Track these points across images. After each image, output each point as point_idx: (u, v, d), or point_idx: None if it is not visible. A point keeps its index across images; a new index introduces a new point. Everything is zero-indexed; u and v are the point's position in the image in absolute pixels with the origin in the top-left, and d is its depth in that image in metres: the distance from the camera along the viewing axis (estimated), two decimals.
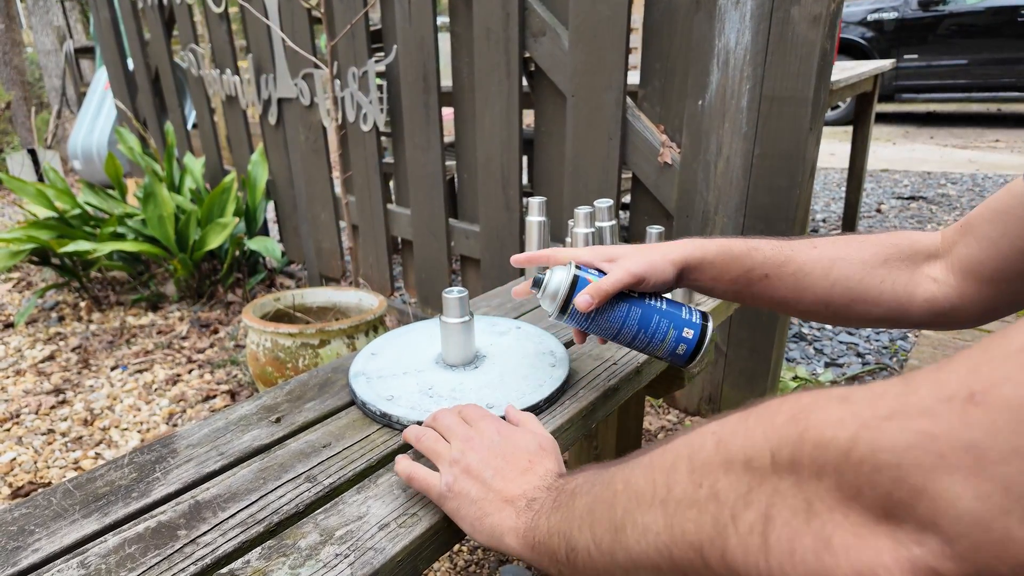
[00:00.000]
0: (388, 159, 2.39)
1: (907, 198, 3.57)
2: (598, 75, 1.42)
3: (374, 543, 0.52)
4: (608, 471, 0.42)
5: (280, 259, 2.50)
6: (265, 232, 2.77)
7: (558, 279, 0.64)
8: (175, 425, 1.66)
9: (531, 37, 1.54)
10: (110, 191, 2.63)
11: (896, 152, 4.98)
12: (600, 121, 1.45)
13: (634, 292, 0.64)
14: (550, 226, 1.05)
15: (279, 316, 1.80)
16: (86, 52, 5.52)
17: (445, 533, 0.56)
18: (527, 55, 1.58)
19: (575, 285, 0.63)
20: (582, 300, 0.62)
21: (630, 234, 1.58)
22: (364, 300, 1.83)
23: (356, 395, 0.72)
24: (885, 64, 2.44)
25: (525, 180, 1.82)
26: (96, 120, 4.39)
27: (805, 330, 2.01)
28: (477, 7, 1.59)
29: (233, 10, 2.45)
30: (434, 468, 0.57)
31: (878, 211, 3.33)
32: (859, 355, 1.84)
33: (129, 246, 2.31)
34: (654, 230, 1.06)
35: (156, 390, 1.85)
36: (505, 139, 1.64)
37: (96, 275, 2.65)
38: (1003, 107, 6.55)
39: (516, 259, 0.69)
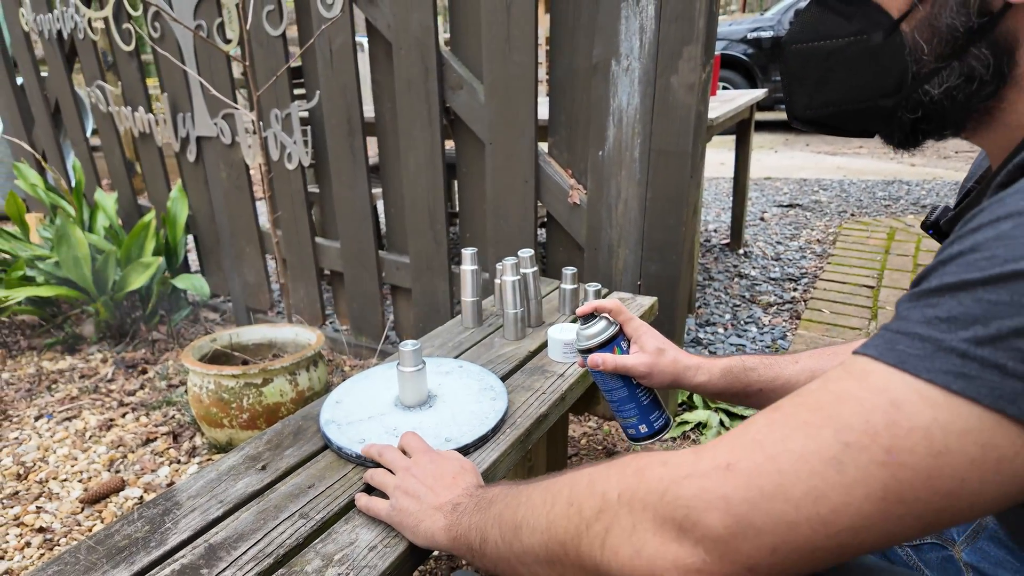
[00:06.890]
0: (313, 187, 2.46)
1: (786, 206, 4.00)
2: (512, 125, 1.59)
3: (367, 562, 0.66)
4: (517, 488, 0.59)
5: (209, 296, 2.51)
6: (186, 265, 2.76)
7: (599, 329, 0.79)
8: (118, 471, 1.69)
9: (450, 90, 1.69)
10: (7, 229, 2.55)
11: (778, 160, 5.52)
12: (516, 166, 1.62)
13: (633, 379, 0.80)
14: (480, 274, 1.21)
15: (216, 356, 1.86)
16: None
17: (420, 549, 0.71)
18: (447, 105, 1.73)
19: (605, 344, 0.78)
20: (593, 359, 0.79)
21: (547, 264, 1.77)
22: (300, 335, 1.92)
23: (331, 441, 0.85)
24: (758, 94, 2.78)
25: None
26: None
27: (700, 335, 2.28)
28: (397, 60, 1.72)
29: (146, 57, 2.44)
30: (387, 497, 0.72)
31: (762, 219, 3.72)
32: None
33: (44, 291, 2.26)
34: (568, 271, 1.24)
35: (91, 437, 1.85)
36: (430, 180, 1.79)
37: (1, 320, 2.55)
38: None
39: (582, 310, 0.82)
